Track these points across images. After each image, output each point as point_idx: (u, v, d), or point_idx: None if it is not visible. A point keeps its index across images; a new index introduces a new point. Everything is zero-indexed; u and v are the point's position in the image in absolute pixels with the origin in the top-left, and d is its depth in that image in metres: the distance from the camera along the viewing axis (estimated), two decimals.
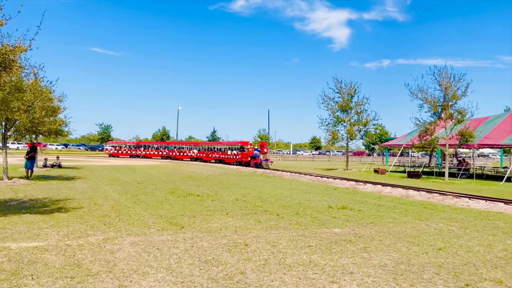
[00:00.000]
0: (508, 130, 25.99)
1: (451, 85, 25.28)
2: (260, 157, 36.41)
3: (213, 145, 51.97)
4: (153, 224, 9.14)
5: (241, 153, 40.84)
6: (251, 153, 38.71)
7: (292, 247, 7.24)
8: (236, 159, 41.97)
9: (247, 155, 39.30)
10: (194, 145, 55.59)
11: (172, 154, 55.00)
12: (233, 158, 42.59)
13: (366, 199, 14.49)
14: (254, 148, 40.08)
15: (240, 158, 40.93)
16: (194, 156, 51.11)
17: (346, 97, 31.05)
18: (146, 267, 5.93)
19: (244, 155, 40.12)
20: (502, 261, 6.53)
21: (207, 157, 48.22)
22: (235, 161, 42.39)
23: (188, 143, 61.08)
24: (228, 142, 48.39)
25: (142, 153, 59.13)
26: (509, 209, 12.36)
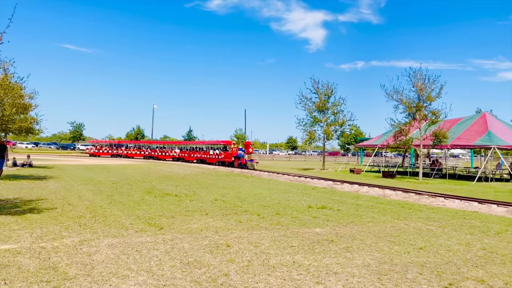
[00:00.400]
0: (479, 132, 26.71)
1: (425, 86, 25.79)
2: (245, 157, 35.00)
3: (195, 144, 49.64)
4: (131, 225, 8.89)
5: (224, 153, 39.07)
6: (235, 153, 36.96)
7: (275, 248, 7.16)
8: (218, 159, 40.17)
9: (230, 155, 37.56)
10: (177, 144, 53.33)
11: (154, 154, 53.13)
12: (215, 158, 40.80)
13: (345, 198, 14.58)
14: (238, 148, 38.26)
15: (223, 158, 39.11)
16: (176, 156, 49.17)
17: (323, 97, 31.30)
18: (125, 270, 5.73)
19: (227, 155, 38.37)
20: (482, 260, 6.62)
21: (189, 157, 46.34)
22: (217, 161, 40.63)
23: (170, 143, 58.45)
24: (210, 142, 45.98)
25: (124, 153, 57.06)
26: (483, 208, 12.65)
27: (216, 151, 41.03)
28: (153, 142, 63.03)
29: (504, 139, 25.53)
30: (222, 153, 39.31)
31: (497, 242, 7.91)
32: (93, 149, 61.11)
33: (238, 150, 36.79)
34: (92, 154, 60.00)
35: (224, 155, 38.81)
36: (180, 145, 51.16)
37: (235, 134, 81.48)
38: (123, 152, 57.11)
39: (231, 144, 39.68)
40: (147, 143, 58.62)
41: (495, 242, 7.95)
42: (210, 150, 42.43)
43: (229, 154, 37.86)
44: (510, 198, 16.12)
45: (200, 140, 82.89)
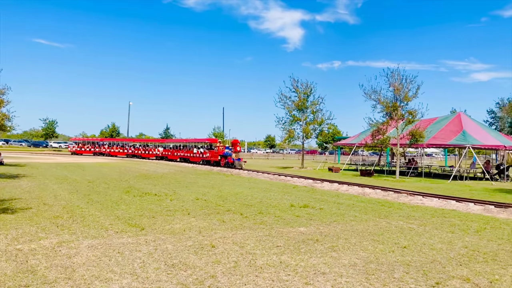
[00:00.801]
0: (454, 131, 27.30)
1: (403, 86, 26.17)
2: (233, 156, 32.82)
3: (178, 142, 46.74)
4: (111, 226, 8.65)
5: (209, 152, 36.80)
6: (221, 152, 34.65)
7: (261, 248, 7.07)
8: (203, 157, 37.79)
9: (216, 154, 35.33)
10: (160, 142, 50.90)
11: (137, 152, 50.77)
12: (200, 157, 38.47)
13: (325, 197, 14.62)
14: (224, 146, 35.87)
15: (208, 157, 36.81)
16: (159, 154, 47.13)
17: (302, 96, 31.41)
18: (108, 272, 5.53)
19: (213, 153, 36.16)
20: (465, 258, 6.70)
21: (172, 155, 44.19)
22: (201, 160, 38.23)
23: (154, 141, 55.06)
24: (194, 139, 43.58)
25: (106, 151, 54.41)
26: (461, 206, 12.89)
27: (200, 149, 38.88)
28: (137, 140, 59.47)
29: (478, 138, 26.17)
30: (207, 151, 37.16)
31: (477, 240, 8.04)
32: (75, 147, 58.22)
33: (224, 149, 34.60)
34: (74, 152, 57.18)
35: (209, 153, 36.65)
36: (164, 143, 49.20)
37: (213, 132, 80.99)
38: (106, 150, 54.63)
39: (217, 142, 38.06)
40: (131, 141, 56.00)
41: (476, 240, 8.08)
42: (194, 148, 40.24)
43: (214, 153, 35.85)
44: (485, 196, 16.51)
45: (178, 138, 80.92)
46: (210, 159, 36.38)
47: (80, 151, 56.88)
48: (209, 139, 40.37)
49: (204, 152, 37.66)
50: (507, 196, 16.94)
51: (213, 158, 35.76)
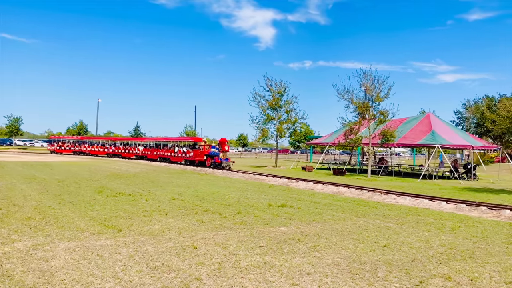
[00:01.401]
0: (424, 131, 28.03)
1: (374, 87, 26.66)
2: (220, 156, 30.63)
3: (158, 141, 43.48)
4: (86, 227, 8.38)
5: (193, 151, 34.33)
6: (207, 151, 32.39)
7: (243, 249, 7.00)
8: (186, 157, 35.34)
9: (201, 153, 33.05)
10: (140, 141, 47.57)
11: (118, 151, 47.61)
12: (182, 157, 35.96)
13: (302, 196, 14.69)
14: (210, 145, 33.31)
15: (192, 156, 34.36)
16: (139, 153, 44.26)
17: (276, 95, 31.53)
18: (89, 276, 5.34)
19: (197, 153, 33.76)
20: (444, 256, 6.85)
21: (152, 155, 41.60)
22: (184, 160, 35.85)
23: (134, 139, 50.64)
24: (176, 138, 41.48)
25: (87, 150, 51.32)
26: (434, 205, 13.22)
27: (183, 148, 36.37)
28: (117, 138, 55.69)
29: (446, 138, 26.97)
30: (191, 151, 34.67)
31: (453, 239, 8.25)
32: (54, 146, 55.08)
33: (210, 148, 32.35)
34: (54, 151, 54.17)
35: (193, 153, 34.21)
36: (144, 142, 46.22)
37: (185, 131, 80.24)
38: (86, 149, 51.40)
39: (202, 141, 35.80)
40: (111, 140, 52.50)
41: (452, 238, 8.29)
42: (176, 147, 37.77)
43: (199, 152, 33.55)
44: (455, 195, 17.02)
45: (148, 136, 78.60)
46: (194, 159, 34.15)
47: (60, 149, 54.12)
48: (193, 138, 37.84)
49: (187, 151, 35.29)
50: (476, 194, 17.52)
51: (198, 158, 33.61)
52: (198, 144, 35.61)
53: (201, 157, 32.90)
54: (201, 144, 34.59)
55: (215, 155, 30.98)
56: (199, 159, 33.28)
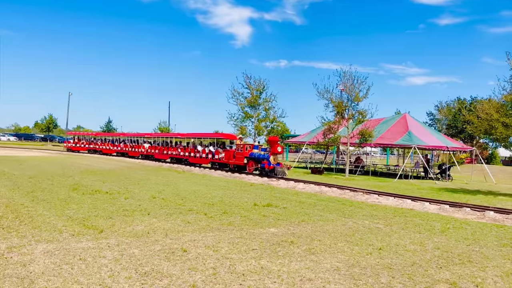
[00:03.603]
0: (401, 132, 28.32)
1: (354, 87, 26.70)
2: (271, 160, 22.56)
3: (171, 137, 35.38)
4: (65, 228, 7.82)
5: (224, 152, 26.48)
6: (247, 153, 24.51)
7: (236, 252, 6.64)
8: (213, 159, 27.32)
9: (240, 155, 24.84)
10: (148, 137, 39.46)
11: (125, 149, 39.71)
12: (208, 158, 28.00)
13: (285, 195, 14.43)
14: (252, 145, 25.58)
15: (223, 158, 26.29)
16: (144, 152, 36.60)
17: (255, 93, 31.20)
18: (73, 283, 4.87)
19: (230, 154, 25.77)
20: (442, 260, 6.69)
21: (161, 154, 33.84)
22: (211, 162, 28.00)
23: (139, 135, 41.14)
24: (197, 134, 32.92)
25: (99, 148, 44.01)
26: (417, 205, 13.21)
27: (210, 147, 28.42)
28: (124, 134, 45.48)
29: (422, 139, 27.33)
30: (222, 151, 26.77)
31: (446, 241, 8.14)
32: (70, 143, 48.70)
33: (252, 149, 24.76)
34: (69, 149, 48.15)
35: (225, 154, 26.26)
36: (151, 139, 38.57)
37: (158, 126, 78.76)
38: (99, 147, 44.09)
39: (237, 139, 27.39)
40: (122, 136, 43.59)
41: (445, 241, 8.18)
42: (198, 146, 30.12)
43: (236, 154, 25.27)
44: (434, 195, 17.14)
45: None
46: (228, 161, 26.00)
47: (76, 147, 47.66)
48: (225, 135, 30.24)
49: (216, 151, 27.23)
50: (453, 195, 17.72)
51: (234, 161, 25.33)
52: (230, 143, 28.31)
53: (239, 160, 24.86)
54: (238, 144, 25.89)
55: (262, 159, 23.23)
56: (235, 162, 25.17)
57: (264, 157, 23.25)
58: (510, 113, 17.97)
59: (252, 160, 24.32)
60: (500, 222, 10.77)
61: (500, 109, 18.10)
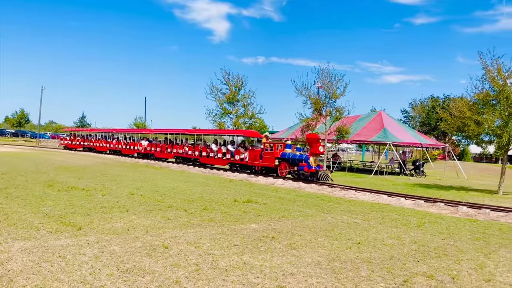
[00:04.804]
0: (376, 129, 28.84)
1: (331, 84, 26.97)
2: (310, 162, 19.10)
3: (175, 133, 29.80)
4: (41, 225, 7.66)
5: (249, 152, 22.38)
6: (277, 153, 20.41)
7: (218, 248, 6.66)
8: (233, 160, 23.27)
9: (269, 156, 20.72)
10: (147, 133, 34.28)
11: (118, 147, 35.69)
12: (225, 159, 23.92)
13: (265, 191, 14.50)
14: (284, 144, 21.13)
15: (247, 159, 22.20)
16: (141, 150, 32.15)
17: (234, 89, 31.17)
18: (54, 281, 4.79)
19: (255, 154, 21.77)
20: (419, 254, 6.88)
21: (163, 153, 29.62)
22: (229, 163, 23.89)
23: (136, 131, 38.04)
24: (209, 131, 30.05)
25: (93, 145, 39.85)
26: (393, 201, 13.50)
27: (229, 146, 24.26)
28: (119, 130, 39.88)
29: (397, 136, 27.89)
30: (244, 151, 22.87)
31: (422, 235, 8.36)
32: (66, 140, 45.10)
33: (284, 148, 20.67)
34: (66, 147, 44.50)
35: (249, 154, 22.24)
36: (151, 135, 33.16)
37: (134, 122, 77.65)
38: (93, 145, 39.89)
39: (262, 137, 22.85)
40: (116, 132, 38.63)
41: (421, 235, 8.40)
42: (212, 144, 25.76)
43: (260, 154, 21.40)
44: (409, 191, 17.54)
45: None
46: (253, 163, 21.89)
47: (71, 145, 43.66)
48: (245, 131, 26.57)
49: (237, 151, 23.23)
50: (428, 190, 18.18)
51: (261, 163, 21.29)
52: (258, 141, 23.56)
53: (268, 161, 20.76)
54: (269, 144, 21.39)
55: (299, 160, 19.55)
56: (264, 164, 21.11)
57: (301, 158, 19.40)
58: (482, 111, 18.54)
59: (285, 161, 20.30)
60: (473, 217, 11.13)
61: (472, 107, 18.64)
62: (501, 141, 18.04)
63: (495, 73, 17.82)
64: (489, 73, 17.96)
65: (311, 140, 19.83)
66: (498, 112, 17.98)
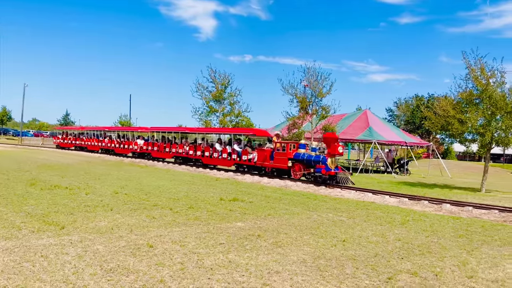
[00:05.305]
0: (362, 127, 29.09)
1: (318, 83, 27.09)
2: (328, 163, 17.26)
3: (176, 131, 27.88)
4: (24, 224, 7.53)
5: (258, 152, 20.78)
6: (290, 153, 18.96)
7: (204, 246, 6.62)
8: (241, 161, 21.63)
9: (281, 157, 19.21)
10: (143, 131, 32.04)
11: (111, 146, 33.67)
12: (230, 159, 22.26)
13: (251, 190, 14.49)
14: (297, 143, 19.62)
15: (258, 160, 20.51)
16: (137, 149, 30.26)
17: (220, 87, 31.05)
18: (36, 281, 4.70)
19: (265, 154, 20.12)
20: (403, 251, 6.94)
21: (161, 152, 27.70)
22: (235, 164, 22.26)
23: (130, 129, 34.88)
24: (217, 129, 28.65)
25: (84, 144, 37.69)
26: (378, 199, 13.62)
27: (235, 146, 22.47)
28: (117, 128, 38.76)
29: (382, 134, 28.18)
30: (252, 150, 21.39)
31: (406, 233, 8.44)
32: (59, 139, 42.70)
33: (297, 148, 19.15)
34: (58, 145, 42.04)
35: (258, 154, 20.61)
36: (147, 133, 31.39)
37: (119, 120, 76.83)
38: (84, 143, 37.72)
39: (272, 136, 21.31)
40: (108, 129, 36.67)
41: (405, 232, 8.49)
42: (216, 143, 24.00)
43: (271, 154, 19.89)
44: (393, 189, 17.74)
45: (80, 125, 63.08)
46: (263, 164, 20.21)
47: (64, 143, 41.28)
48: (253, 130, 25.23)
49: (244, 151, 21.63)
50: (412, 188, 18.40)
51: (274, 164, 19.66)
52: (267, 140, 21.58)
53: (280, 162, 19.31)
54: (281, 143, 19.84)
55: (316, 161, 17.91)
56: (275, 165, 19.63)
57: (318, 160, 17.81)
58: (465, 110, 18.82)
59: (300, 163, 18.79)
60: (456, 214, 11.29)
61: (456, 106, 18.91)
62: (484, 140, 18.34)
63: (478, 73, 18.11)
64: (472, 72, 18.26)
65: (329, 139, 17.82)
66: (481, 111, 18.28)
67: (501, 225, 9.90)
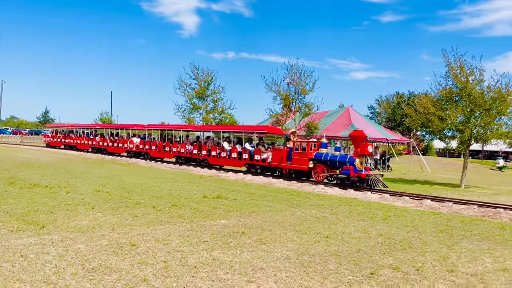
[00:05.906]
0: (344, 124, 29.34)
1: (301, 80, 27.21)
2: (357, 165, 15.61)
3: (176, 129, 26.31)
4: (2, 224, 7.37)
5: (273, 151, 19.28)
6: (310, 153, 17.30)
7: (187, 244, 6.58)
8: (252, 161, 20.04)
9: (302, 157, 17.49)
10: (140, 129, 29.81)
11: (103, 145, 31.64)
12: (240, 159, 20.60)
13: (235, 187, 14.47)
14: (318, 142, 17.82)
15: (273, 160, 18.95)
16: (133, 148, 28.24)
17: (203, 84, 30.86)
18: (15, 282, 4.61)
19: (281, 154, 18.54)
20: (385, 247, 7.03)
21: (162, 151, 25.70)
22: (246, 165, 20.73)
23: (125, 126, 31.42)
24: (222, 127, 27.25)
25: (74, 142, 35.40)
26: (360, 195, 13.77)
27: (246, 145, 20.76)
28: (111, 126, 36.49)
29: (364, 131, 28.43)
30: (265, 150, 19.83)
31: (388, 228, 8.56)
32: (49, 137, 40.59)
33: (318, 147, 17.47)
34: (48, 144, 39.80)
35: (273, 154, 19.07)
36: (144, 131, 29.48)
37: (100, 117, 75.78)
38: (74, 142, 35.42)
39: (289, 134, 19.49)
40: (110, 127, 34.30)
41: (387, 228, 8.60)
42: (224, 142, 22.08)
43: (288, 154, 18.21)
44: None
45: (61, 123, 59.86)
46: (279, 165, 18.67)
47: (53, 142, 38.93)
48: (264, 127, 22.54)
49: (257, 150, 19.95)
50: (393, 184, 18.63)
51: (293, 165, 17.99)
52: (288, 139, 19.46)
53: (299, 163, 17.66)
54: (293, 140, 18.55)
55: (342, 162, 16.24)
56: (294, 166, 17.99)
57: (344, 160, 16.14)
58: (445, 107, 19.16)
59: (322, 163, 17.06)
60: (437, 210, 11.50)
61: (436, 103, 19.24)
62: (463, 136, 18.73)
63: (458, 71, 18.46)
64: (452, 70, 18.61)
65: (357, 138, 16.01)
66: (460, 108, 18.65)
67: (480, 220, 10.12)
